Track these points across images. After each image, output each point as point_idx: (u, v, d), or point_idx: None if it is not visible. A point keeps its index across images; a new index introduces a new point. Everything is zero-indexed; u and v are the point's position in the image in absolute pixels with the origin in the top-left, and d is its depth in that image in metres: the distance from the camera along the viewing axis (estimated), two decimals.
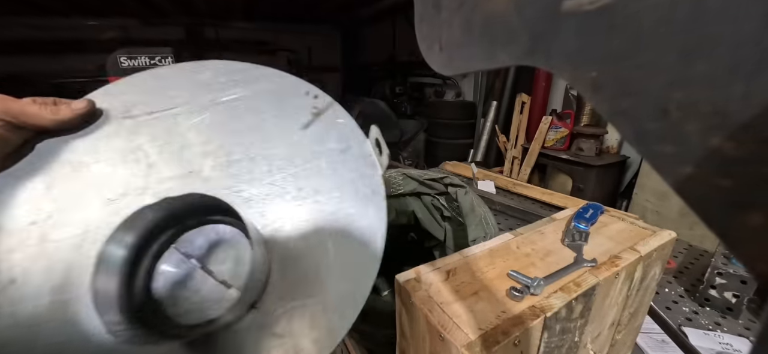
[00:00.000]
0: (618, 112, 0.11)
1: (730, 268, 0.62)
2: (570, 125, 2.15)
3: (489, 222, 0.51)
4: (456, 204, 0.58)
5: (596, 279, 0.33)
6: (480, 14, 0.17)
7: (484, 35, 0.17)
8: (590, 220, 0.43)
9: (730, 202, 0.09)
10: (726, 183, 0.09)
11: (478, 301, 0.31)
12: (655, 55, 0.10)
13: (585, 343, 0.36)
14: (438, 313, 0.30)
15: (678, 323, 0.61)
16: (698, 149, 0.10)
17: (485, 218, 0.51)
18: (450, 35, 0.20)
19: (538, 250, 0.39)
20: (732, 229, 0.09)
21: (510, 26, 0.15)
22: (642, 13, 0.10)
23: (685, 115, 0.10)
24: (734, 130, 0.09)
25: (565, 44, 0.13)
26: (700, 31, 0.09)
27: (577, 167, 2.04)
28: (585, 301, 0.33)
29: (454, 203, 0.58)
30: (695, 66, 0.09)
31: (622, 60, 0.11)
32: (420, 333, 0.32)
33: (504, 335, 0.27)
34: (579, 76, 0.12)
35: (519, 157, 2.45)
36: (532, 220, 0.49)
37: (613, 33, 0.11)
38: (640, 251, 0.38)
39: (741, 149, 0.09)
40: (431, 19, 0.22)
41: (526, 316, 0.29)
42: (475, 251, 0.38)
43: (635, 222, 0.45)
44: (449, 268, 0.35)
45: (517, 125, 2.47)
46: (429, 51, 0.23)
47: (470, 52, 0.18)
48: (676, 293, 0.70)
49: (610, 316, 0.39)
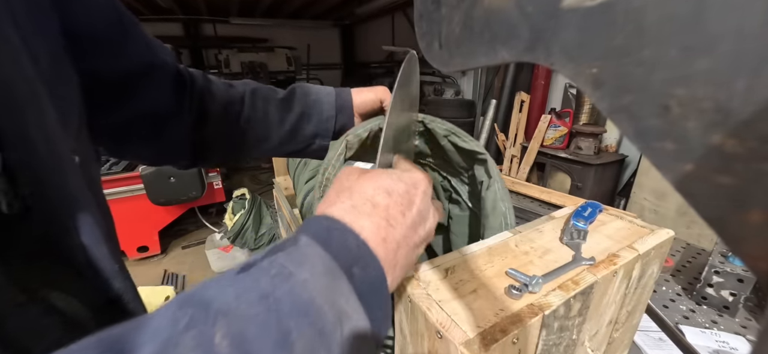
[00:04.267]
0: (619, 109, 0.11)
1: (727, 266, 0.63)
2: (569, 124, 2.16)
3: (509, 222, 0.44)
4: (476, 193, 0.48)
5: (594, 277, 0.33)
6: (480, 10, 0.17)
7: (484, 31, 0.17)
8: (588, 219, 0.43)
9: (730, 200, 0.09)
10: (727, 180, 0.09)
11: (476, 299, 0.31)
12: (656, 52, 0.10)
13: (583, 341, 0.36)
14: (436, 310, 0.30)
15: (675, 321, 0.61)
16: (699, 146, 0.10)
17: (506, 217, 0.44)
18: (449, 32, 0.20)
19: (537, 249, 0.39)
20: (732, 227, 0.09)
21: (510, 22, 0.15)
22: (643, 9, 0.10)
23: (686, 111, 0.10)
24: (736, 127, 0.09)
25: (565, 40, 0.13)
26: (701, 28, 0.09)
27: (576, 166, 2.05)
28: (583, 299, 0.33)
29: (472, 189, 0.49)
30: (697, 62, 0.09)
31: (622, 56, 0.11)
32: (418, 331, 0.32)
33: (502, 333, 0.27)
34: (580, 72, 0.12)
35: (518, 155, 2.45)
36: (530, 219, 0.49)
37: (614, 29, 0.11)
38: (638, 250, 0.38)
39: (742, 146, 0.09)
40: (430, 15, 0.22)
41: (524, 314, 0.29)
42: (474, 249, 0.38)
43: (633, 220, 0.45)
44: (448, 266, 0.35)
45: (516, 124, 2.47)
46: (428, 48, 0.23)
47: (470, 48, 0.18)
48: (673, 291, 0.70)
49: (608, 314, 0.39)
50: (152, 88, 0.40)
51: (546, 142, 2.25)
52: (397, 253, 0.24)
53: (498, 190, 0.46)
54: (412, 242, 0.26)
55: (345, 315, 0.19)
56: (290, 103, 0.50)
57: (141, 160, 0.49)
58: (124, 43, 0.37)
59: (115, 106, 0.39)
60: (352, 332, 0.19)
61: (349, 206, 0.24)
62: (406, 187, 0.26)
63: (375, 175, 0.26)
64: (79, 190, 0.26)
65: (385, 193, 0.25)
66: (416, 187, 0.27)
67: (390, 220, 0.24)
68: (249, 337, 0.16)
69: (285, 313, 0.17)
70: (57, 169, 0.24)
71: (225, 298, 0.17)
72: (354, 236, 0.22)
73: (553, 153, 2.19)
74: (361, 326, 0.20)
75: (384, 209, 0.24)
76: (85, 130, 0.32)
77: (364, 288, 0.21)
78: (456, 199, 0.58)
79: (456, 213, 0.59)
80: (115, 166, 2.24)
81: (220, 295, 0.17)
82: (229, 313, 0.16)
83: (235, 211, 2.29)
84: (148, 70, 0.40)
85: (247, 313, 0.17)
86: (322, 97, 0.51)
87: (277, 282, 0.18)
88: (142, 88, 0.40)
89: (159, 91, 0.41)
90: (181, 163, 0.48)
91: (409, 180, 0.27)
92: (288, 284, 0.18)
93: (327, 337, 0.18)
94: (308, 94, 0.51)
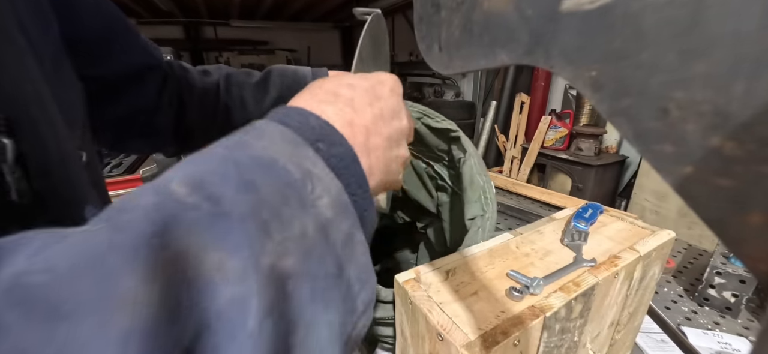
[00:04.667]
0: (618, 112, 0.11)
1: (728, 267, 0.63)
2: (569, 125, 2.16)
3: (488, 196, 0.44)
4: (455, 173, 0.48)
5: (595, 279, 0.33)
6: (480, 13, 0.17)
7: (483, 34, 0.17)
8: (589, 220, 0.43)
9: (730, 202, 0.09)
10: (726, 183, 0.09)
11: (477, 300, 0.31)
12: (655, 55, 0.10)
13: (584, 342, 0.36)
14: (437, 313, 0.30)
15: (677, 323, 0.61)
16: (698, 149, 0.10)
17: (485, 191, 0.44)
18: (449, 34, 0.20)
19: (538, 250, 0.39)
20: (732, 229, 0.09)
21: (510, 25, 0.15)
22: (642, 13, 0.10)
23: (685, 114, 0.10)
24: (735, 129, 0.09)
25: (565, 43, 0.13)
26: (699, 31, 0.09)
27: (577, 167, 2.05)
28: (584, 301, 0.33)
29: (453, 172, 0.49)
30: (695, 65, 0.09)
31: (622, 59, 0.11)
32: (419, 333, 0.32)
33: (503, 335, 0.27)
34: (579, 75, 0.12)
35: (518, 156, 2.45)
36: (531, 220, 0.49)
37: (613, 32, 0.11)
38: (639, 251, 0.38)
39: (741, 149, 0.09)
40: (430, 18, 0.22)
41: (525, 316, 0.29)
42: (475, 251, 0.38)
43: (634, 222, 0.45)
44: (449, 268, 0.35)
45: (516, 125, 2.47)
46: (428, 51, 0.23)
47: (470, 51, 0.18)
48: (675, 293, 0.70)
49: (610, 316, 0.39)
50: (142, 87, 0.42)
51: (546, 144, 2.25)
52: (368, 139, 0.22)
53: (474, 165, 0.45)
54: (385, 132, 0.23)
55: (315, 176, 0.17)
56: (266, 86, 0.48)
57: (131, 152, 0.50)
58: (118, 47, 0.38)
59: (108, 105, 0.40)
60: (325, 192, 0.17)
61: (307, 97, 0.22)
62: (371, 83, 0.24)
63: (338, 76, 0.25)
64: (87, 187, 0.27)
65: (347, 87, 0.23)
66: (382, 83, 0.25)
67: (355, 108, 0.22)
68: (208, 182, 0.14)
69: (246, 168, 0.15)
70: (66, 165, 0.25)
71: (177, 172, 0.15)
72: (315, 117, 0.20)
73: (554, 154, 2.19)
74: (336, 193, 0.18)
75: (347, 99, 0.22)
76: (88, 130, 0.32)
77: (333, 161, 0.19)
78: (442, 185, 0.57)
79: (444, 200, 0.59)
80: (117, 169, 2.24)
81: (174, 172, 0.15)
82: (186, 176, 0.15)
83: None
84: (141, 71, 0.41)
85: (204, 169, 0.15)
86: (299, 78, 0.49)
87: (233, 148, 0.17)
88: (134, 89, 0.41)
89: (148, 89, 0.42)
90: (168, 150, 0.49)
91: (374, 77, 0.25)
92: (246, 150, 0.16)
93: (296, 188, 0.16)
94: (284, 76, 0.49)
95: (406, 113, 0.27)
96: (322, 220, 0.16)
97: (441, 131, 0.49)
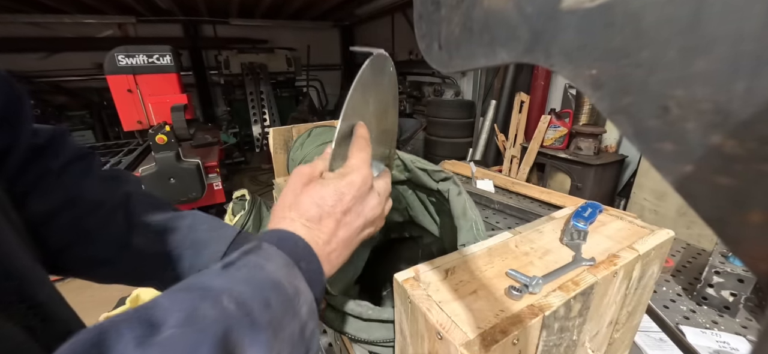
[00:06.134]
0: (618, 110, 0.11)
1: (727, 266, 0.63)
2: (569, 124, 2.16)
3: (479, 229, 0.48)
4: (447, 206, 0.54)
5: (594, 278, 0.33)
6: (479, 11, 0.17)
7: (483, 33, 0.17)
8: (589, 219, 0.43)
9: (730, 201, 0.09)
10: (726, 181, 0.09)
11: (476, 299, 0.31)
12: (656, 53, 0.10)
13: (583, 341, 0.36)
14: (436, 311, 0.30)
15: (676, 322, 0.61)
16: (699, 147, 0.10)
17: (476, 224, 0.49)
18: (449, 33, 0.20)
19: (537, 249, 0.39)
20: (732, 228, 0.09)
21: (510, 23, 0.15)
22: (642, 11, 0.10)
23: (685, 112, 0.10)
24: (735, 128, 0.09)
25: (565, 42, 0.13)
26: (700, 29, 0.09)
27: (576, 166, 2.05)
28: (583, 300, 0.33)
29: (446, 204, 0.55)
30: (696, 64, 0.09)
31: (622, 58, 0.11)
32: (418, 332, 0.32)
33: (502, 334, 0.27)
34: (579, 73, 0.12)
35: (518, 156, 2.45)
36: (530, 219, 0.49)
37: (613, 30, 0.11)
38: (638, 250, 0.38)
39: (742, 147, 0.09)
40: (430, 16, 0.22)
41: (524, 315, 0.29)
42: (474, 250, 0.38)
43: (633, 221, 0.45)
44: (448, 267, 0.35)
45: (515, 124, 2.48)
46: (428, 49, 0.23)
47: (469, 50, 0.18)
48: (673, 292, 0.70)
49: (609, 315, 0.39)
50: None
51: (546, 143, 2.25)
52: (329, 251, 0.32)
53: (466, 200, 0.51)
54: (346, 235, 0.33)
55: (300, 291, 0.27)
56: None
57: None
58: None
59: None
60: (305, 302, 0.28)
61: (289, 221, 0.32)
62: (338, 196, 0.33)
63: (313, 189, 0.33)
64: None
65: (316, 206, 0.32)
66: (351, 184, 0.33)
67: (321, 228, 0.32)
68: (245, 300, 0.23)
69: (266, 288, 0.25)
70: None
71: (220, 283, 0.23)
72: (301, 242, 0.31)
73: (553, 153, 2.19)
74: (309, 299, 0.28)
75: (317, 221, 0.32)
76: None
77: (309, 275, 0.29)
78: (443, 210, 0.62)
79: (445, 221, 0.62)
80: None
81: (214, 281, 0.24)
82: (226, 290, 0.23)
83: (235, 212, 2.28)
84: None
85: (239, 289, 0.23)
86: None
87: (255, 272, 0.26)
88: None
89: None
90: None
91: (345, 186, 0.33)
92: (263, 272, 0.26)
93: (292, 303, 0.26)
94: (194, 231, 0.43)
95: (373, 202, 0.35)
96: (302, 322, 0.26)
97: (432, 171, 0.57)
